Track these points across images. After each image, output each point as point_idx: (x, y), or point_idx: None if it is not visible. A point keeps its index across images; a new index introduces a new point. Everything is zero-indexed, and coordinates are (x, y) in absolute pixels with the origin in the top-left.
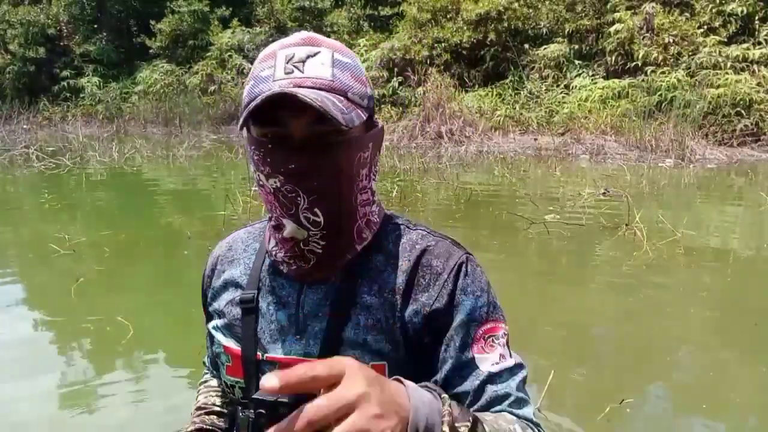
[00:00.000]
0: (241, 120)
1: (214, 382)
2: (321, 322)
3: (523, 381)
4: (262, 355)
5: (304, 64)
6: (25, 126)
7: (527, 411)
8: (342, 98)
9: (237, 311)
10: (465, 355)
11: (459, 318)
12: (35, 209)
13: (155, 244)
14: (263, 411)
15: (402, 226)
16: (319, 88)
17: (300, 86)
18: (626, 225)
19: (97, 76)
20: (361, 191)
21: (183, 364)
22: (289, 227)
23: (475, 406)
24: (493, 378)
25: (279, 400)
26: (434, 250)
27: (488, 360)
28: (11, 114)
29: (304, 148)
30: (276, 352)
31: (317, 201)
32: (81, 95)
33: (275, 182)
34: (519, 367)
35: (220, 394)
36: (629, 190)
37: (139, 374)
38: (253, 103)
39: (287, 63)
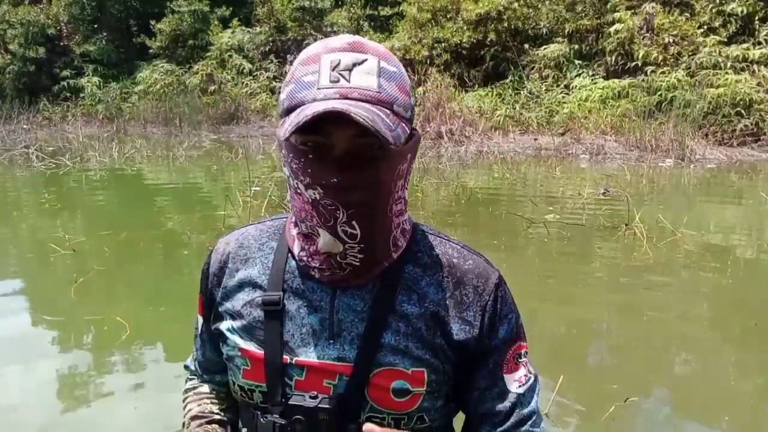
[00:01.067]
0: (288, 131)
1: (204, 388)
2: (357, 327)
3: (539, 392)
4: (291, 359)
5: (351, 72)
6: (25, 126)
7: (542, 424)
8: (388, 112)
9: (258, 313)
10: (496, 375)
11: (495, 341)
12: (35, 209)
13: (155, 244)
14: (301, 417)
15: (431, 236)
16: (366, 101)
17: (347, 97)
18: (626, 225)
19: (97, 76)
20: (396, 202)
21: (179, 365)
22: (325, 240)
23: (505, 426)
24: (520, 399)
25: (320, 406)
26: (472, 268)
27: (515, 380)
28: (11, 114)
29: (346, 161)
30: (307, 356)
31: (355, 215)
32: (81, 95)
33: (314, 194)
34: (536, 380)
35: (215, 401)
36: (629, 190)
37: (134, 375)
38: (303, 118)
39: (333, 70)
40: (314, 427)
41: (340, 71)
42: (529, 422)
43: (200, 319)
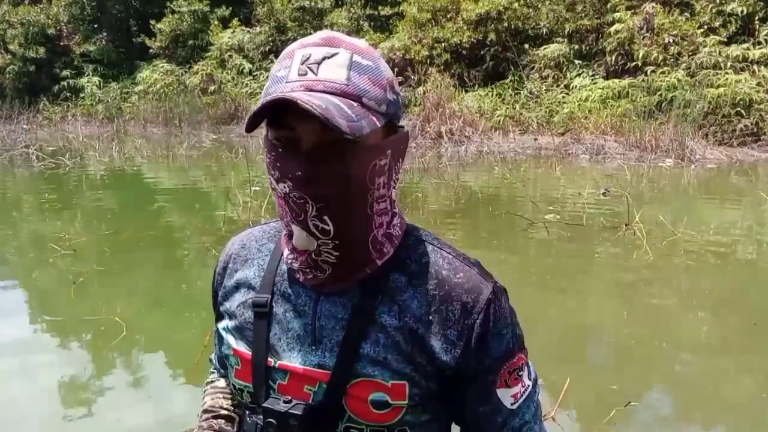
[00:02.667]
0: (246, 123)
1: (221, 383)
2: (338, 335)
3: (538, 395)
4: (275, 362)
5: (319, 66)
6: (25, 126)
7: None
8: (355, 104)
9: (249, 314)
10: (491, 393)
11: (488, 360)
12: (35, 209)
13: (155, 244)
14: (272, 421)
15: (425, 243)
16: (331, 92)
17: (311, 89)
18: (626, 225)
19: (97, 76)
20: (377, 200)
21: (171, 365)
22: (297, 235)
23: None
24: (513, 413)
25: (290, 411)
26: (463, 283)
27: (511, 395)
28: (11, 114)
29: (312, 154)
30: (290, 361)
31: (325, 209)
32: (81, 95)
33: (284, 187)
34: (534, 385)
35: (228, 396)
36: (629, 190)
37: (124, 375)
38: (254, 108)
39: (302, 64)
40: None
41: (309, 65)
42: None
43: (215, 316)
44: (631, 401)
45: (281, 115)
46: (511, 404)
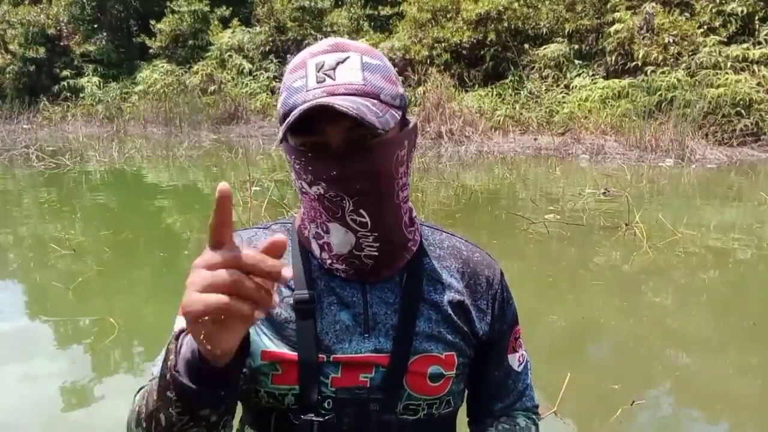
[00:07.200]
0: (281, 134)
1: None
2: (392, 319)
3: (531, 368)
4: (328, 357)
5: (335, 71)
6: (25, 126)
7: (534, 396)
8: (375, 101)
9: (287, 314)
10: (503, 357)
11: (504, 326)
12: (35, 209)
13: (155, 244)
14: (350, 411)
15: (434, 230)
16: (353, 94)
17: (333, 93)
18: (626, 225)
19: (97, 76)
20: (401, 188)
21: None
22: (337, 238)
23: (506, 402)
24: (520, 377)
25: (372, 396)
26: (481, 260)
27: (517, 359)
28: (11, 114)
29: (343, 154)
30: (344, 352)
31: (361, 202)
32: (81, 95)
33: (319, 189)
34: (526, 354)
35: None
36: (629, 190)
37: (120, 374)
38: (291, 118)
39: (318, 72)
40: (363, 420)
41: (325, 71)
42: (525, 396)
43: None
44: (635, 400)
45: (307, 121)
46: (517, 367)
